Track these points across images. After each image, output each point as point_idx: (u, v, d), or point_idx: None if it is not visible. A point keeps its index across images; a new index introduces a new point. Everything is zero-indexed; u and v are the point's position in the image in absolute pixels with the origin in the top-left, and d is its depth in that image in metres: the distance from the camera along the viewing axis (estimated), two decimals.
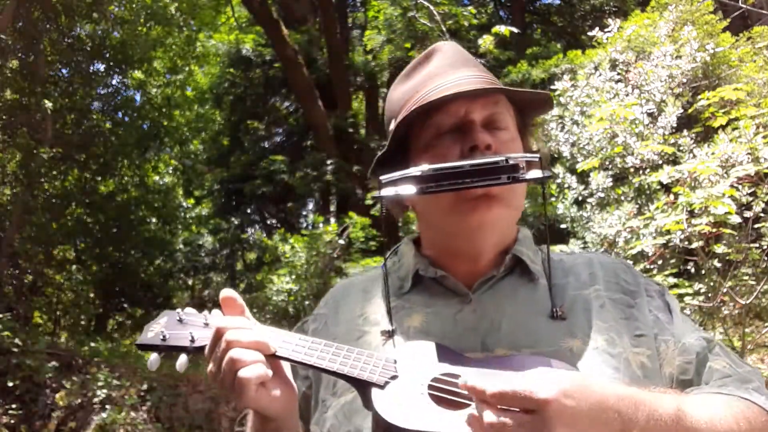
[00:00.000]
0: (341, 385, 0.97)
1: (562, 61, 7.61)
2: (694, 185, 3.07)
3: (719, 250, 3.06)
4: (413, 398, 0.84)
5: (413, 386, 0.86)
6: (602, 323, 0.96)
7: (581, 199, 3.89)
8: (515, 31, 5.63)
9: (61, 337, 9.50)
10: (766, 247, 3.21)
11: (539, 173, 0.88)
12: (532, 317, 0.96)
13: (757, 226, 3.15)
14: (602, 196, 3.73)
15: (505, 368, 0.84)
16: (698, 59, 3.88)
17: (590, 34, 4.60)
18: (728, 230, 3.00)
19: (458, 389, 0.81)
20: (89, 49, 9.02)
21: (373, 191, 1.01)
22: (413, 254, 1.07)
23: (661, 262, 3.27)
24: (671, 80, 3.81)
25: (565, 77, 4.33)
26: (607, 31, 4.39)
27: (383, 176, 0.91)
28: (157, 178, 11.98)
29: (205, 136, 13.34)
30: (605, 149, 3.70)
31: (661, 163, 3.49)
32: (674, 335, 0.97)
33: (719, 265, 3.21)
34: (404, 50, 7.49)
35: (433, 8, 6.68)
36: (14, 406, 6.12)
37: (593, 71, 4.14)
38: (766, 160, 2.94)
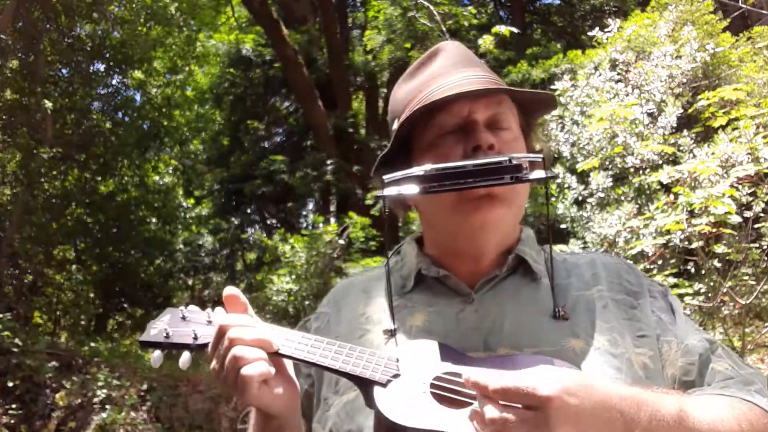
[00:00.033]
0: (343, 383, 0.97)
1: (562, 61, 7.61)
2: (694, 185, 3.06)
3: (719, 250, 3.06)
4: (415, 397, 0.84)
5: (415, 385, 0.85)
6: (605, 324, 0.96)
7: (581, 199, 3.88)
8: (515, 31, 5.62)
9: (61, 337, 9.48)
10: (766, 247, 3.21)
11: (542, 173, 0.88)
12: (534, 317, 0.96)
13: (757, 226, 3.14)
14: (602, 196, 3.72)
15: (507, 368, 0.83)
16: (698, 59, 3.88)
17: (590, 34, 4.59)
18: (728, 230, 3.00)
19: (460, 388, 0.81)
20: (89, 49, 9.00)
21: (375, 191, 1.01)
22: (416, 253, 1.07)
23: (661, 262, 3.27)
24: (671, 80, 3.81)
25: (565, 77, 4.32)
26: (607, 31, 4.39)
27: (386, 176, 0.91)
28: (157, 178, 11.96)
29: (205, 136, 13.32)
30: (605, 149, 3.70)
31: (661, 163, 3.48)
32: (677, 336, 0.97)
33: (719, 265, 3.21)
34: (404, 50, 7.48)
35: (433, 8, 6.67)
36: (14, 406, 6.11)
37: (593, 71, 4.13)
38: (766, 160, 2.93)
